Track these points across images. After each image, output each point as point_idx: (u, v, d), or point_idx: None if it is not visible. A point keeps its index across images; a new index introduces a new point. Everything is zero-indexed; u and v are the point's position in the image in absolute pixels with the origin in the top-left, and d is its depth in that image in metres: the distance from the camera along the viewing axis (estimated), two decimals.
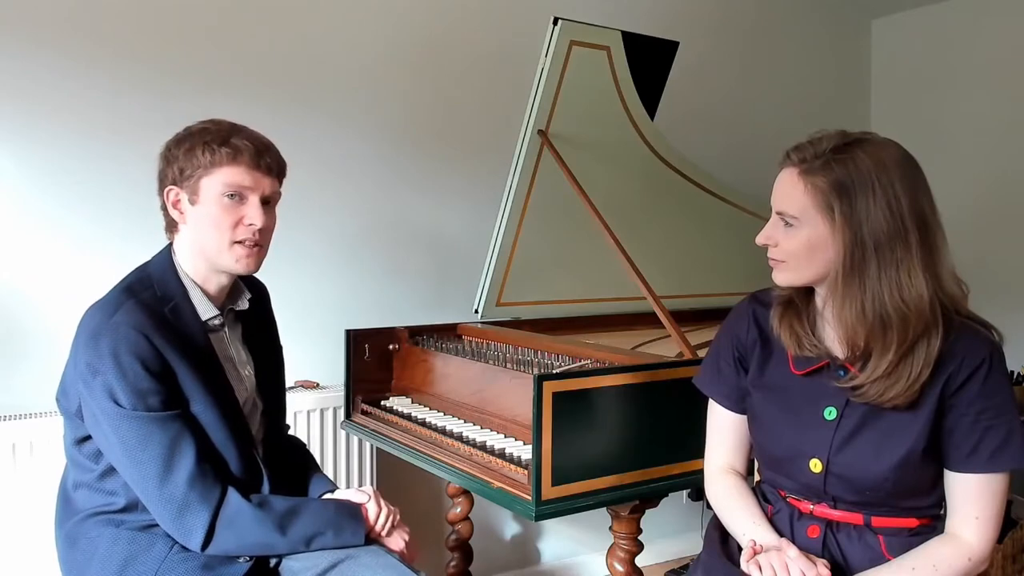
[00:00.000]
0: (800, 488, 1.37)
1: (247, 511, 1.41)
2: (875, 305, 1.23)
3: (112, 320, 1.38)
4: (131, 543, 1.44)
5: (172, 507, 1.37)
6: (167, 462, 1.37)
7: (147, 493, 1.39)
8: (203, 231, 1.48)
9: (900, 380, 1.24)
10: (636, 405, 1.75)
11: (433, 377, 2.22)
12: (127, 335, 1.37)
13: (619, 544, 1.85)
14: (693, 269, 2.74)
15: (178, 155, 1.47)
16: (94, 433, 1.42)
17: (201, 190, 1.47)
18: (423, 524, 2.66)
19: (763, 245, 1.34)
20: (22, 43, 2.12)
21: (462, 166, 2.74)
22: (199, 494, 1.38)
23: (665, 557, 3.07)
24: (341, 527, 1.49)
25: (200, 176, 1.46)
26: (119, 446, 1.38)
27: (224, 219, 1.46)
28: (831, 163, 1.24)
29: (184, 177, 1.47)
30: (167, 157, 1.49)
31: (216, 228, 1.47)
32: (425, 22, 2.66)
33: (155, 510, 1.40)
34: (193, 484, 1.38)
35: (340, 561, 1.51)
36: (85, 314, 1.46)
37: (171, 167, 1.48)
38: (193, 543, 1.39)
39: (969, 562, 1.26)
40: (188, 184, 1.47)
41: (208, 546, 1.39)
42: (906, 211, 1.22)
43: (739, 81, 3.39)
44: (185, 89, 2.31)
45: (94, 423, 1.40)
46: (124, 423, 1.36)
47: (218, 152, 1.45)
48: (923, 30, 3.56)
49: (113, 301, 1.43)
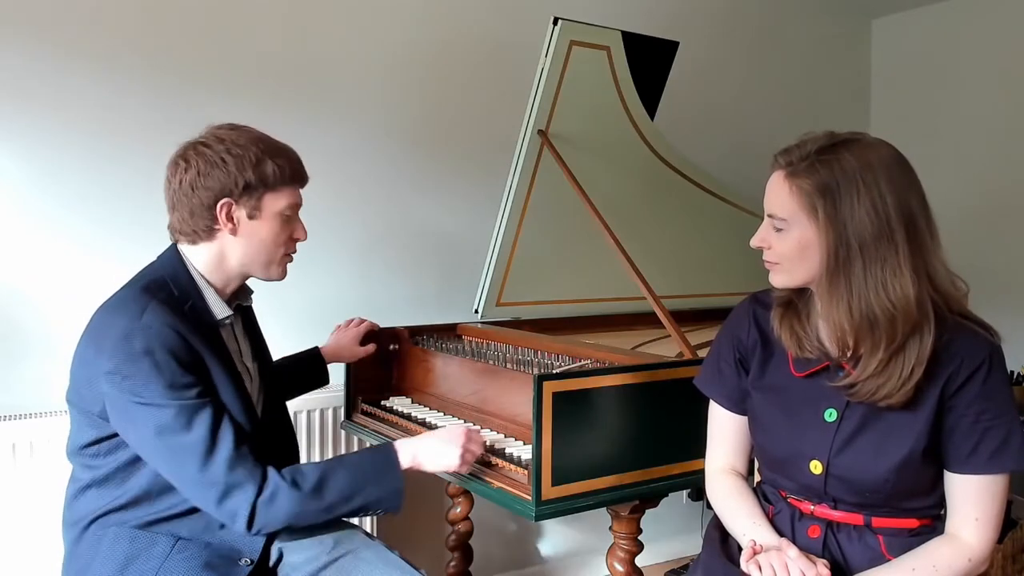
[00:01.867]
0: (800, 489, 1.37)
1: (284, 487, 1.42)
2: (861, 304, 1.23)
3: (142, 320, 1.39)
4: (132, 542, 1.44)
5: (216, 491, 1.39)
6: (208, 448, 1.38)
7: (189, 480, 1.40)
8: (257, 244, 1.52)
9: (892, 378, 1.24)
10: (636, 405, 1.75)
11: (433, 377, 2.22)
12: (160, 332, 1.38)
13: (619, 544, 1.85)
14: (693, 269, 2.74)
15: (245, 169, 1.46)
16: (125, 430, 1.41)
17: (264, 206, 1.50)
18: (423, 524, 2.66)
19: (757, 248, 1.35)
20: (21, 43, 2.12)
21: (462, 166, 2.74)
22: (241, 476, 1.40)
23: (665, 557, 3.07)
24: (380, 476, 1.50)
25: (264, 193, 1.49)
26: (157, 439, 1.38)
27: (281, 235, 1.54)
28: (816, 164, 1.25)
29: (246, 192, 1.48)
30: (225, 168, 1.46)
31: (274, 243, 1.53)
32: (425, 22, 2.66)
33: (198, 495, 1.41)
34: (234, 467, 1.39)
35: (341, 556, 1.54)
36: (101, 316, 1.46)
37: (233, 180, 1.46)
38: (238, 524, 1.40)
39: (969, 563, 1.26)
40: (251, 200, 1.49)
41: (252, 525, 1.40)
42: (892, 210, 1.22)
43: (739, 81, 3.39)
44: (187, 90, 2.31)
45: (126, 420, 1.40)
46: (163, 416, 1.37)
47: (285, 171, 1.50)
48: (923, 30, 3.56)
49: (136, 301, 1.43)
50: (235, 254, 1.52)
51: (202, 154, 1.47)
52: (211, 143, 1.48)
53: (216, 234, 1.51)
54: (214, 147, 1.47)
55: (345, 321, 2.21)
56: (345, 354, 2.15)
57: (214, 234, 1.51)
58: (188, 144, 1.51)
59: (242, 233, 1.51)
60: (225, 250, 1.52)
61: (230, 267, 1.54)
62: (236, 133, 1.50)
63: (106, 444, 1.46)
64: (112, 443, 1.45)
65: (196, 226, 1.50)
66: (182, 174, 1.48)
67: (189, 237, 1.52)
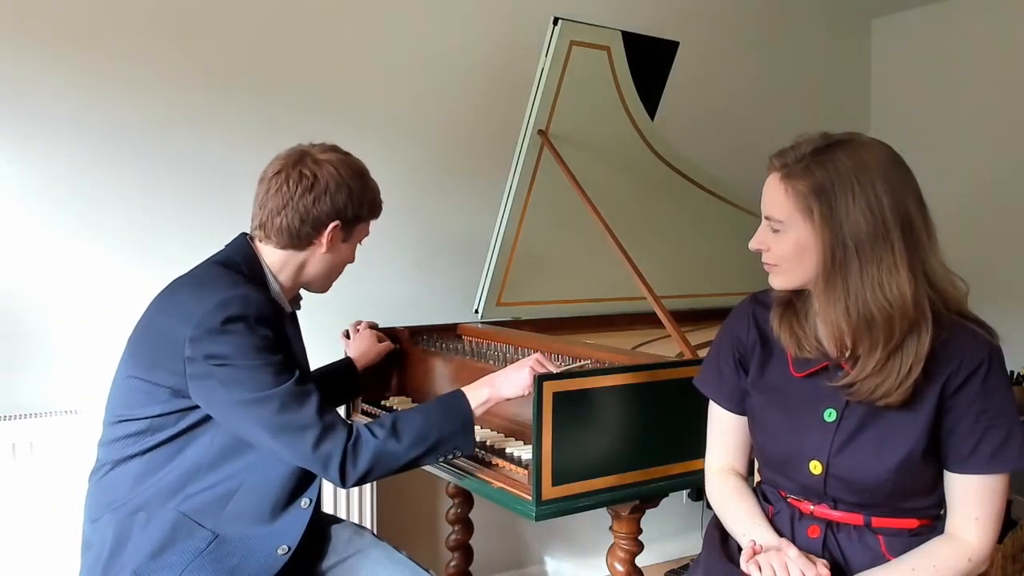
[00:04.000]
0: (800, 489, 1.37)
1: (365, 431, 1.49)
2: (858, 304, 1.23)
3: (238, 290, 1.47)
4: (175, 528, 1.45)
5: (313, 433, 1.43)
6: (302, 395, 1.45)
7: (286, 426, 1.43)
8: (335, 264, 1.66)
9: (890, 376, 1.24)
10: (636, 405, 1.75)
11: (433, 377, 2.22)
12: (257, 300, 1.47)
13: (619, 544, 1.85)
14: (693, 269, 2.74)
15: (364, 201, 1.62)
16: (211, 394, 1.44)
17: (355, 233, 1.66)
18: (423, 524, 2.66)
19: (755, 250, 1.35)
20: (22, 42, 2.12)
21: (462, 166, 2.74)
22: (333, 419, 1.47)
23: (665, 557, 3.07)
24: (448, 412, 1.57)
25: (360, 222, 1.65)
26: (250, 394, 1.42)
27: (350, 260, 1.70)
28: (811, 166, 1.25)
29: (354, 219, 1.62)
30: (350, 195, 1.59)
31: (344, 264, 1.69)
32: (425, 22, 2.67)
33: (294, 442, 1.43)
34: (325, 413, 1.46)
35: (349, 556, 1.56)
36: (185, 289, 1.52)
37: (353, 207, 1.60)
38: (332, 467, 1.44)
39: (969, 563, 1.26)
40: (352, 227, 1.63)
41: (345, 468, 1.44)
42: (887, 210, 1.22)
43: (739, 81, 3.39)
44: (195, 93, 2.31)
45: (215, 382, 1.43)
46: (258, 373, 1.43)
47: (378, 208, 1.68)
48: (923, 30, 3.55)
49: (225, 276, 1.52)
50: (315, 267, 1.64)
51: (331, 175, 1.58)
52: (337, 166, 1.59)
53: (310, 246, 1.61)
54: (341, 171, 1.58)
55: (352, 327, 2.22)
56: (372, 356, 2.17)
57: (308, 246, 1.61)
58: (309, 158, 1.59)
59: (331, 251, 1.62)
60: (308, 261, 1.63)
61: (303, 276, 1.65)
62: (352, 160, 1.63)
63: (159, 420, 1.48)
64: (164, 420, 1.47)
65: (300, 233, 1.58)
66: (307, 185, 1.56)
67: (281, 240, 1.59)
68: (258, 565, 1.47)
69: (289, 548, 1.49)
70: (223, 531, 1.47)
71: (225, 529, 1.47)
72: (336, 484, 1.47)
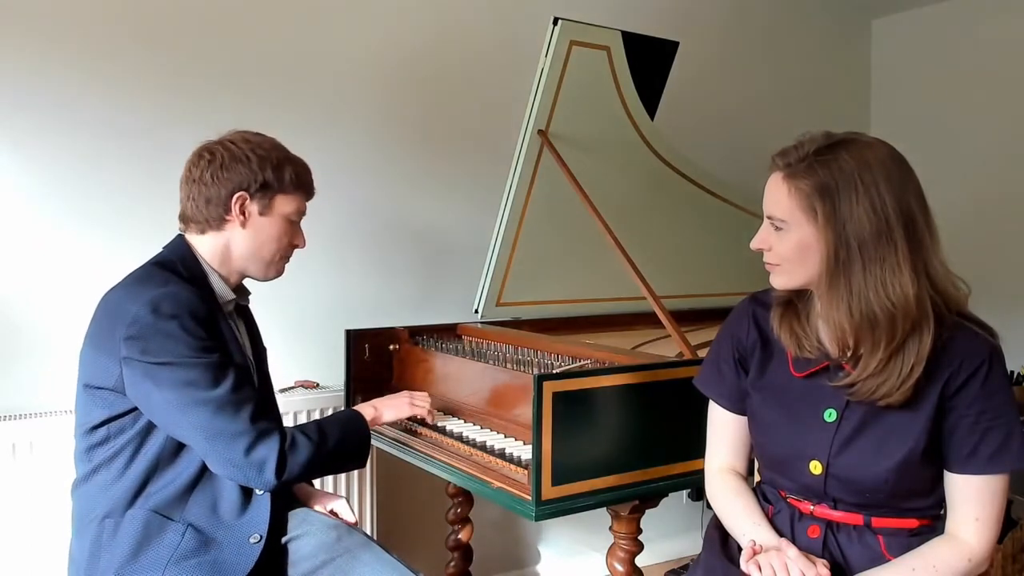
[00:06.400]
0: (800, 489, 1.37)
1: (299, 435, 1.51)
2: (861, 304, 1.23)
3: (168, 288, 1.47)
4: (146, 526, 1.46)
5: (245, 440, 1.43)
6: (235, 400, 1.44)
7: (217, 434, 1.43)
8: (260, 240, 1.61)
9: (891, 376, 1.24)
10: (636, 405, 1.75)
11: (433, 377, 2.22)
12: (188, 299, 1.47)
13: (619, 544, 1.85)
14: (693, 269, 2.74)
15: (265, 168, 1.58)
16: (147, 396, 1.44)
17: (275, 207, 1.61)
18: (423, 524, 2.66)
19: (757, 250, 1.35)
20: (21, 42, 2.12)
21: (462, 166, 2.74)
22: (267, 425, 1.46)
23: (665, 557, 3.07)
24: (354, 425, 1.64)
25: (277, 194, 1.60)
26: (183, 396, 1.42)
27: (284, 238, 1.64)
28: (814, 165, 1.25)
29: (263, 189, 1.58)
30: (248, 165, 1.57)
31: (276, 242, 1.63)
32: (424, 21, 2.67)
33: (226, 449, 1.43)
34: (259, 418, 1.46)
35: (338, 556, 1.56)
36: (119, 293, 1.51)
37: (253, 176, 1.57)
38: (267, 471, 1.44)
39: (969, 563, 1.26)
40: (264, 198, 1.59)
41: (282, 471, 1.45)
42: (890, 210, 1.22)
43: (739, 81, 3.39)
44: (187, 91, 2.31)
45: (149, 384, 1.43)
46: (190, 373, 1.42)
47: (300, 180, 1.63)
48: (923, 30, 3.56)
49: (156, 276, 1.51)
50: (239, 247, 1.60)
51: (228, 149, 1.58)
52: (237, 142, 1.59)
53: (226, 225, 1.59)
54: (240, 145, 1.58)
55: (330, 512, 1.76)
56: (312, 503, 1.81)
57: (224, 224, 1.59)
58: (213, 141, 1.61)
59: (250, 227, 1.60)
60: (231, 241, 1.60)
61: (233, 259, 1.62)
62: (260, 138, 1.62)
63: (115, 424, 1.48)
64: (121, 423, 1.48)
65: (209, 215, 1.58)
66: (205, 165, 1.57)
67: (199, 226, 1.60)
68: (235, 556, 1.48)
69: (261, 536, 1.50)
70: (193, 521, 1.48)
71: (194, 519, 1.48)
72: (266, 488, 1.48)
